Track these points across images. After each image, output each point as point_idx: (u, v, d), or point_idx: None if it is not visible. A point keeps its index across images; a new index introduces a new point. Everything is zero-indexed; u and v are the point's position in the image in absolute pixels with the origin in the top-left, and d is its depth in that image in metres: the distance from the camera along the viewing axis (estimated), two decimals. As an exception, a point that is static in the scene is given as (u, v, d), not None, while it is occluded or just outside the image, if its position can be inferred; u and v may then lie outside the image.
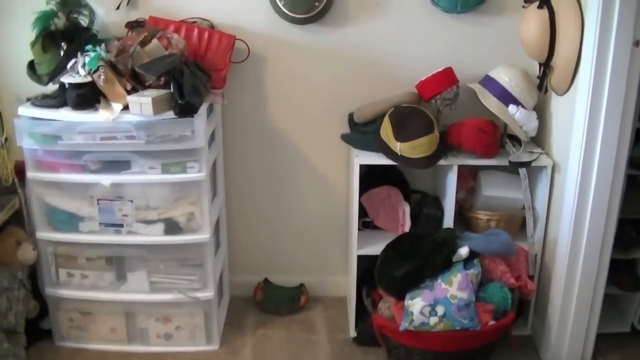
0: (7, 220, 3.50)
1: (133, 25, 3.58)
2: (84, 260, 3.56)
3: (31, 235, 3.55)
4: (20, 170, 3.47)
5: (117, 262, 3.57)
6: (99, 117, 3.21)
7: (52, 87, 3.43)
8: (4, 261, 3.47)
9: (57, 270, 3.59)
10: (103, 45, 3.31)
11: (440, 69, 3.58)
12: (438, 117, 3.67)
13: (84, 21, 3.51)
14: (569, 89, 3.33)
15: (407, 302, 3.25)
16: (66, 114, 3.26)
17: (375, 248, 3.56)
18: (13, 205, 3.52)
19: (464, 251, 3.31)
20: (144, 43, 3.33)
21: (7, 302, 3.39)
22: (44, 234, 3.51)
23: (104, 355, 3.65)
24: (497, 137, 3.58)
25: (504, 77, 3.54)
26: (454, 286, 3.22)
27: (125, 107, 3.21)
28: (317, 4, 3.57)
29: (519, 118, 3.51)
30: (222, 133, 3.85)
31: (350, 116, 3.78)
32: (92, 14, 3.54)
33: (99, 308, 3.63)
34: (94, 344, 3.69)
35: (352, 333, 3.84)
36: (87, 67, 3.23)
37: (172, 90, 3.18)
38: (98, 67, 3.22)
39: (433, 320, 3.21)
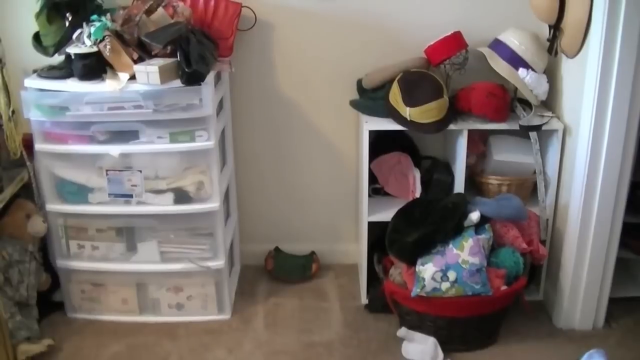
0: (16, 193, 3.50)
1: (138, -6, 3.56)
2: (94, 232, 3.56)
3: (41, 208, 3.55)
4: (28, 143, 3.46)
5: (128, 233, 3.57)
6: (106, 87, 3.20)
7: (58, 58, 3.42)
8: (15, 234, 3.48)
9: (67, 242, 3.59)
10: (108, 15, 3.29)
11: (449, 33, 3.54)
12: (447, 81, 3.64)
13: (88, -9, 3.49)
14: (579, 51, 3.30)
15: (419, 268, 3.25)
16: (73, 85, 3.25)
17: (386, 214, 3.55)
18: (22, 178, 3.52)
19: (475, 216, 3.30)
20: (149, 12, 3.32)
21: (18, 275, 3.40)
22: (53, 206, 3.51)
23: (116, 326, 3.65)
24: (507, 101, 3.56)
25: (514, 40, 3.50)
26: (465, 251, 3.21)
27: (132, 77, 3.20)
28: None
29: (529, 81, 3.48)
30: (230, 101, 3.83)
31: (359, 82, 3.75)
32: (96, -17, 3.52)
33: (110, 279, 3.64)
34: (106, 315, 3.70)
35: (364, 300, 3.84)
36: (92, 37, 3.21)
37: (178, 58, 3.16)
38: (104, 37, 3.20)
39: (445, 285, 3.20)
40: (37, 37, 3.44)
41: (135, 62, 3.22)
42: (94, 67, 3.23)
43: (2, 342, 3.21)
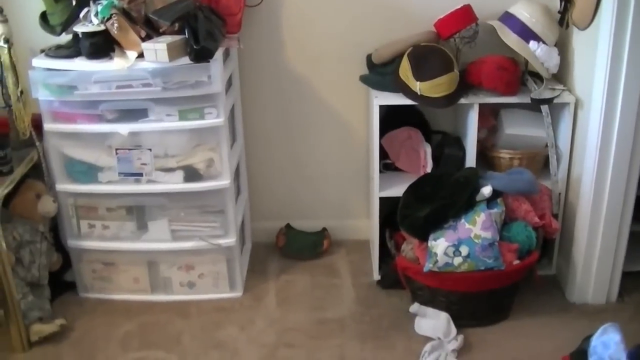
0: (26, 174, 3.49)
1: (145, -29, 3.54)
2: (105, 211, 3.56)
3: (51, 188, 3.55)
4: (37, 123, 3.45)
5: (138, 212, 3.57)
6: (114, 65, 3.19)
7: (65, 38, 3.40)
8: (25, 215, 3.48)
9: (78, 221, 3.60)
10: (115, -7, 3.27)
11: (459, 7, 3.52)
12: (457, 55, 3.61)
13: (94, -32, 3.46)
14: (591, 23, 3.26)
15: (431, 243, 3.24)
16: (81, 64, 3.24)
17: (397, 190, 3.54)
18: (31, 158, 3.51)
19: (486, 190, 3.28)
20: (156, -11, 3.30)
21: (30, 255, 3.41)
22: (63, 185, 3.51)
23: (127, 305, 3.66)
24: (518, 74, 3.53)
25: (524, 12, 3.47)
26: (477, 226, 3.20)
27: (140, 55, 3.19)
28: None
29: (540, 54, 3.46)
30: (239, 78, 3.82)
31: (369, 57, 3.73)
32: (103, -40, 3.49)
33: (121, 258, 3.65)
34: (118, 294, 3.71)
35: (376, 276, 3.84)
36: (99, 16, 3.19)
37: (186, 35, 3.14)
38: (111, 15, 3.18)
39: (457, 260, 3.20)
40: (44, 17, 3.42)
41: (143, 39, 3.20)
42: (101, 45, 3.22)
43: (15, 323, 3.24)
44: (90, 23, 3.22)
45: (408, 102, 3.48)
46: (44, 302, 3.47)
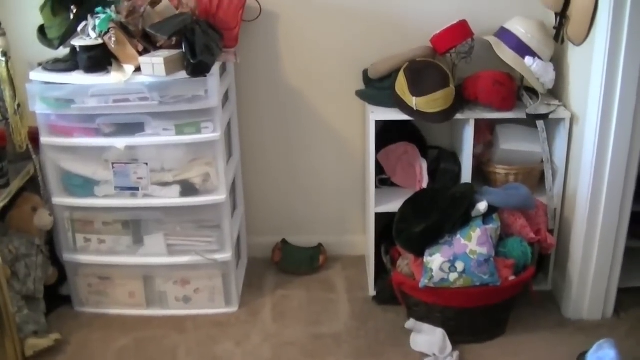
0: (22, 187, 3.50)
1: (143, -14, 3.55)
2: (101, 225, 3.56)
3: (47, 201, 3.55)
4: (34, 136, 3.46)
5: (134, 226, 3.57)
6: (111, 79, 3.19)
7: (63, 51, 3.41)
8: (21, 228, 3.48)
9: (74, 235, 3.59)
10: (113, 7, 3.28)
11: (455, 22, 3.53)
12: (453, 70, 3.63)
13: (93, -17, 3.48)
14: (586, 38, 3.28)
15: (427, 258, 3.24)
16: (78, 78, 3.25)
17: (393, 205, 3.54)
18: (28, 171, 3.52)
19: (482, 206, 3.28)
20: (154, 3, 3.33)
21: (25, 268, 3.40)
22: (59, 199, 3.51)
23: (123, 320, 3.65)
24: (514, 89, 3.54)
25: (520, 28, 3.48)
26: (473, 241, 3.20)
27: (138, 69, 3.19)
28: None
29: (536, 70, 3.46)
30: (236, 93, 3.82)
31: (365, 72, 3.74)
32: (101, -25, 3.51)
33: (117, 272, 3.64)
34: (113, 308, 3.70)
35: (372, 292, 3.83)
36: (97, 30, 3.21)
37: (184, 49, 3.15)
38: (109, 29, 3.20)
39: (453, 276, 3.19)
40: (42, 30, 3.43)
41: (141, 53, 3.21)
42: (99, 59, 3.23)
43: (9, 337, 3.22)
44: (88, 37, 3.24)
45: (404, 117, 3.48)
46: (39, 316, 3.45)
